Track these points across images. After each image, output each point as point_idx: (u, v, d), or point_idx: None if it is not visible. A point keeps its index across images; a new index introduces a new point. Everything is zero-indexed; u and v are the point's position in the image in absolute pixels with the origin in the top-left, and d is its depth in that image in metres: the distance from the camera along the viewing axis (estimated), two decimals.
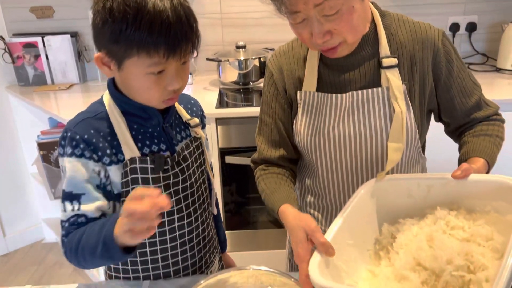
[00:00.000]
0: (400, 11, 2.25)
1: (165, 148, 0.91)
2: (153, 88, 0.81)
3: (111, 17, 0.75)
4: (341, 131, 0.95)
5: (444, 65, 0.95)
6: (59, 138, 0.87)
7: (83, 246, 0.79)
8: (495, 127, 0.99)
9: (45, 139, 2.11)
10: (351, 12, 0.83)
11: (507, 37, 2.13)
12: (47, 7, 2.28)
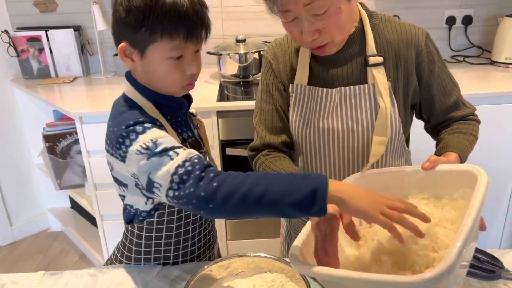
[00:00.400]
0: (397, 4, 2.31)
1: (191, 135, 0.99)
2: (174, 72, 0.87)
3: (134, 6, 0.82)
4: (329, 124, 1.01)
5: (426, 64, 1.00)
6: (125, 133, 0.83)
7: (268, 186, 0.72)
8: (470, 126, 1.06)
9: (50, 131, 2.16)
10: (338, 12, 0.89)
11: (501, 30, 2.16)
12: (50, 1, 2.31)
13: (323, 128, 1.02)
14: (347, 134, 1.01)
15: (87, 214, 2.49)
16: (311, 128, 1.03)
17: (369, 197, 0.71)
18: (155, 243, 0.99)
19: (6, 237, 2.56)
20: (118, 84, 2.24)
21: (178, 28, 0.82)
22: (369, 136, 1.01)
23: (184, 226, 0.99)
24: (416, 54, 1.00)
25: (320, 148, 1.04)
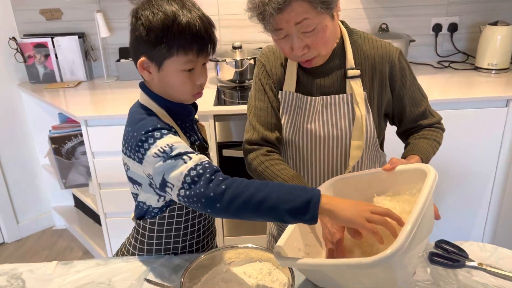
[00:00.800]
0: (386, 13, 2.43)
1: (197, 139, 1.10)
2: (186, 82, 0.99)
3: (154, 27, 0.93)
4: (313, 128, 1.13)
5: (398, 78, 1.12)
6: (144, 138, 0.93)
7: (268, 194, 0.82)
8: (434, 133, 1.18)
9: (56, 133, 2.28)
10: (325, 30, 1.01)
11: (484, 38, 2.28)
12: (56, 10, 2.43)
13: (307, 131, 1.14)
14: (328, 138, 1.13)
15: (90, 213, 2.60)
16: (298, 131, 1.15)
17: (355, 207, 0.83)
18: (166, 235, 1.10)
19: (13, 235, 2.67)
20: (120, 89, 2.35)
21: (191, 44, 0.94)
22: (347, 140, 1.12)
23: (190, 220, 1.10)
24: (390, 68, 1.12)
25: (306, 149, 1.16)
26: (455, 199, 2.18)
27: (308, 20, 0.97)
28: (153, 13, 0.93)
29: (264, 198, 0.83)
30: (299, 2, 0.95)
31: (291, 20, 0.97)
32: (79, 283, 1.04)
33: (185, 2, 0.96)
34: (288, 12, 0.96)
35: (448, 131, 1.99)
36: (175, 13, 0.93)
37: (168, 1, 0.95)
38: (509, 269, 1.03)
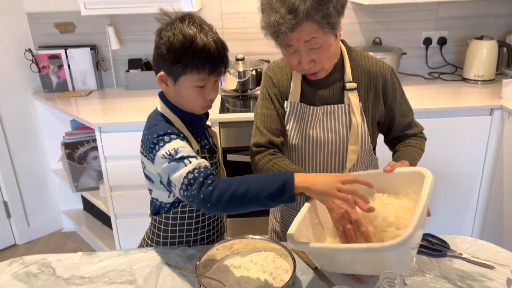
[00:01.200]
0: (379, 27, 2.59)
1: (207, 143, 1.23)
2: (198, 97, 1.12)
3: (174, 47, 1.06)
4: (315, 134, 1.26)
5: (390, 92, 1.27)
6: (156, 141, 1.07)
7: (249, 186, 0.96)
8: (419, 141, 1.33)
9: (69, 139, 2.41)
10: (329, 47, 1.14)
11: (470, 51, 2.44)
12: (69, 23, 2.57)
13: (310, 137, 1.27)
14: (328, 143, 1.27)
15: (99, 215, 2.72)
16: (301, 136, 1.28)
17: (326, 179, 0.94)
18: (179, 229, 1.23)
19: (24, 237, 2.78)
20: (129, 97, 2.49)
21: (204, 65, 1.07)
22: (344, 145, 1.26)
23: (201, 216, 1.23)
24: (383, 83, 1.26)
25: (308, 153, 1.29)
26: (446, 200, 2.31)
27: (316, 39, 1.10)
28: (173, 35, 1.07)
29: (246, 191, 0.96)
30: (309, 23, 1.08)
31: (302, 39, 1.10)
32: (103, 270, 1.17)
33: (203, 27, 1.09)
34: (299, 31, 1.09)
35: (439, 137, 2.16)
36: (193, 36, 1.06)
37: (188, 25, 1.08)
38: (485, 258, 1.16)
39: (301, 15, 1.05)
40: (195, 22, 1.09)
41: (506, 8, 2.59)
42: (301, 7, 1.05)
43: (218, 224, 1.31)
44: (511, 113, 2.06)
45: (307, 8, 1.05)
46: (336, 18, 1.10)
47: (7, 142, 2.58)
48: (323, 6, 1.06)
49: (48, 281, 1.14)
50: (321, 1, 1.05)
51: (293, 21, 1.06)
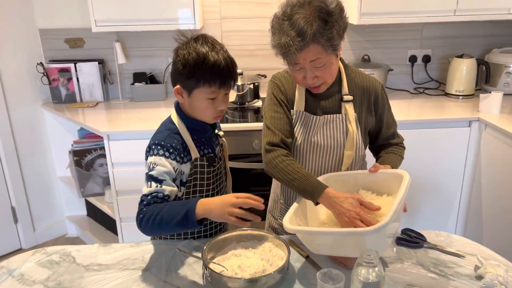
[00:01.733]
0: (368, 45, 2.79)
1: (210, 152, 1.38)
2: (209, 107, 1.27)
3: (188, 64, 1.21)
4: (316, 140, 1.42)
5: (380, 105, 1.44)
6: (149, 146, 1.27)
7: (163, 215, 1.15)
8: (399, 150, 1.50)
9: (78, 147, 2.55)
10: (331, 65, 1.31)
11: (452, 68, 2.63)
12: (79, 39, 2.75)
13: (311, 142, 1.42)
14: (327, 148, 1.42)
15: (102, 221, 2.85)
16: (304, 141, 1.43)
17: (219, 206, 1.13)
18: None
19: (30, 241, 2.89)
20: (133, 108, 2.65)
21: (215, 80, 1.22)
22: (341, 150, 1.42)
23: None
24: (374, 97, 1.43)
25: (309, 155, 1.44)
26: (431, 203, 2.48)
27: (320, 59, 1.26)
28: (188, 53, 1.22)
29: (160, 219, 1.16)
30: (315, 45, 1.23)
31: (308, 58, 1.26)
32: (118, 259, 1.31)
33: (215, 45, 1.25)
34: (306, 52, 1.24)
35: (424, 146, 2.34)
36: (205, 54, 1.21)
37: (201, 44, 1.23)
38: (457, 248, 1.32)
39: (308, 38, 1.21)
40: (207, 41, 1.24)
41: (485, 29, 2.81)
42: (309, 31, 1.20)
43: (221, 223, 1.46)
44: (487, 125, 2.24)
45: (313, 32, 1.20)
46: (338, 41, 1.26)
47: (17, 150, 2.71)
48: (328, 31, 1.21)
49: (69, 267, 1.28)
50: (326, 26, 1.21)
51: (301, 43, 1.21)
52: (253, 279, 1.11)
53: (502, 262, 1.26)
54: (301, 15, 1.21)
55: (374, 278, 0.94)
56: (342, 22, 1.26)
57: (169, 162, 1.26)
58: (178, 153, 1.28)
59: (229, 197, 1.16)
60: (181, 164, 1.30)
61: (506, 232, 2.15)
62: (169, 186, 1.23)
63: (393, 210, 1.07)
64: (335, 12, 1.23)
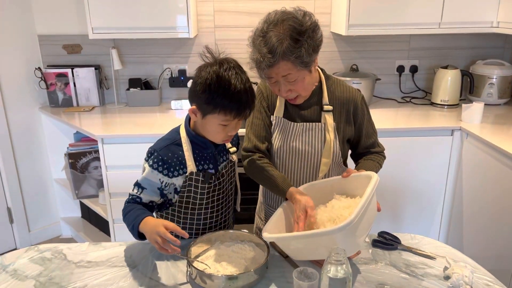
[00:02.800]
0: (357, 55, 2.88)
1: (212, 167, 1.40)
2: (220, 132, 1.30)
3: (208, 89, 1.22)
4: (294, 146, 1.49)
5: (359, 116, 1.50)
6: (149, 150, 1.35)
7: (128, 216, 1.33)
8: (378, 158, 1.55)
9: (73, 150, 2.62)
10: (304, 80, 1.37)
11: (437, 78, 2.72)
12: (77, 45, 2.82)
13: (290, 147, 1.49)
14: (304, 154, 1.49)
15: (96, 222, 2.91)
16: (283, 146, 1.50)
17: (150, 230, 1.22)
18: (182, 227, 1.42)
19: (24, 242, 2.95)
20: (128, 113, 2.72)
21: (232, 109, 1.23)
22: (318, 157, 1.49)
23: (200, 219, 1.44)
24: (354, 108, 1.49)
25: (288, 160, 1.51)
26: (415, 209, 2.55)
27: (291, 74, 1.33)
28: (210, 78, 1.21)
29: (125, 220, 1.34)
30: (285, 62, 1.28)
31: (279, 74, 1.33)
32: (107, 256, 1.38)
33: (238, 74, 1.24)
34: (276, 68, 1.31)
35: (408, 153, 2.43)
36: (227, 83, 1.20)
37: (225, 70, 1.22)
38: (429, 251, 1.39)
39: (278, 55, 1.27)
40: (231, 68, 1.24)
41: (470, 41, 2.90)
42: (279, 49, 1.27)
43: (223, 224, 1.52)
44: (468, 134, 2.32)
45: (283, 50, 1.27)
46: (308, 58, 1.31)
47: (14, 152, 2.78)
48: (297, 49, 1.27)
49: (60, 264, 1.34)
50: (296, 45, 1.27)
51: (271, 60, 1.28)
52: (233, 277, 1.18)
53: (470, 263, 1.33)
54: (275, 33, 1.28)
55: (341, 275, 1.02)
56: (314, 41, 1.31)
57: (156, 174, 1.33)
58: (168, 166, 1.33)
59: (160, 225, 1.20)
60: (171, 178, 1.35)
61: (485, 237, 2.23)
62: (148, 194, 1.36)
63: (357, 209, 1.11)
64: (307, 31, 1.29)
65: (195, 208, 1.41)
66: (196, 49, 2.82)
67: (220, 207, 1.47)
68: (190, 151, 1.36)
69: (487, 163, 2.18)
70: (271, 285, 1.23)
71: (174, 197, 1.40)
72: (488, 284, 1.23)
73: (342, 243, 1.12)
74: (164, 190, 1.38)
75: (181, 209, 1.42)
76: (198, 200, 1.40)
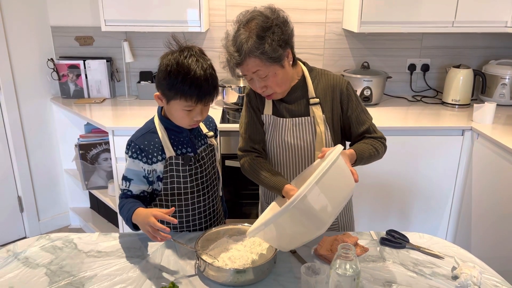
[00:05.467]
0: (368, 52, 2.87)
1: (190, 151, 1.44)
2: (185, 117, 1.34)
3: (169, 76, 1.27)
4: (285, 141, 1.50)
5: (346, 102, 1.48)
6: (127, 142, 1.39)
7: (122, 210, 1.38)
8: (373, 141, 1.47)
9: (84, 141, 2.65)
10: (276, 76, 1.38)
11: (449, 78, 2.70)
12: (89, 37, 2.84)
13: (283, 143, 1.50)
14: (297, 148, 1.50)
15: (105, 213, 2.94)
16: (275, 142, 1.51)
17: (142, 220, 1.26)
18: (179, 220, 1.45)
19: (34, 231, 3.00)
20: (139, 106, 2.74)
21: (192, 95, 1.27)
22: (311, 150, 1.49)
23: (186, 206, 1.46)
24: (340, 95, 1.48)
25: (282, 156, 1.52)
26: (424, 207, 2.55)
27: (260, 71, 1.35)
28: (171, 65, 1.26)
29: (121, 214, 1.38)
30: (252, 59, 1.32)
31: (249, 71, 1.36)
32: (117, 247, 1.40)
33: (199, 60, 1.27)
34: (245, 65, 1.35)
35: (418, 152, 2.42)
36: (187, 69, 1.24)
37: (185, 57, 1.26)
38: (438, 250, 1.39)
39: (243, 53, 1.32)
40: (192, 55, 1.27)
41: (483, 41, 2.87)
42: (245, 47, 1.31)
43: (212, 213, 1.53)
44: (479, 134, 2.31)
45: (248, 47, 1.31)
46: (276, 53, 1.32)
47: (25, 142, 2.81)
48: (262, 45, 1.30)
49: (71, 253, 1.36)
50: (261, 41, 1.30)
51: (238, 58, 1.33)
52: (242, 270, 1.19)
53: (478, 264, 1.33)
54: (243, 32, 1.33)
55: (350, 273, 1.02)
56: (280, 35, 1.33)
57: (137, 163, 1.38)
58: (147, 154, 1.37)
59: (149, 215, 1.24)
60: (152, 165, 1.39)
61: (494, 238, 2.22)
62: (136, 185, 1.41)
63: (308, 181, 1.07)
64: (271, 27, 1.32)
65: (181, 194, 1.43)
66: (207, 44, 2.82)
67: (205, 192, 1.49)
68: (166, 137, 1.39)
69: (497, 164, 2.17)
70: (279, 280, 1.24)
71: (159, 185, 1.43)
72: (496, 285, 1.23)
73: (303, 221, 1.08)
74: (149, 177, 1.41)
75: (168, 197, 1.44)
76: (182, 185, 1.42)
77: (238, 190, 2.54)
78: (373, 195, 2.51)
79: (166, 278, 1.24)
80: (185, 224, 1.49)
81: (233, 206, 2.55)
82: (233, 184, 2.49)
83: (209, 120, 1.57)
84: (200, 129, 1.50)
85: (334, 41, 2.85)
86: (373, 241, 1.44)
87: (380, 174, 2.44)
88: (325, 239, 1.38)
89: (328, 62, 2.89)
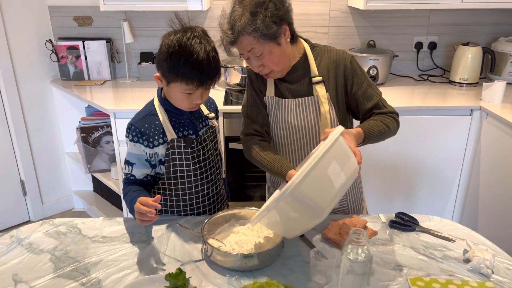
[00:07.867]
0: (374, 30, 2.80)
1: (192, 133, 1.41)
2: (184, 100, 1.30)
3: (170, 57, 1.22)
4: (289, 122, 1.45)
5: (350, 77, 1.42)
6: (127, 126, 1.36)
7: (126, 198, 1.36)
8: (382, 117, 1.39)
9: (85, 124, 2.61)
10: (271, 54, 1.33)
11: (457, 56, 2.63)
12: (87, 17, 2.77)
13: (286, 124, 1.46)
14: (301, 129, 1.45)
15: (108, 196, 2.93)
16: (278, 124, 1.47)
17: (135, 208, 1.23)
18: (176, 199, 1.43)
19: (38, 214, 2.99)
20: (140, 87, 2.69)
21: (193, 79, 1.23)
22: (316, 130, 1.44)
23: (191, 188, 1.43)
24: (344, 70, 1.42)
25: (286, 137, 1.48)
26: (431, 188, 2.52)
27: (254, 49, 1.31)
28: (173, 46, 1.20)
29: (125, 200, 1.36)
30: (246, 36, 1.28)
31: (244, 49, 1.32)
32: (121, 232, 1.37)
33: (202, 42, 1.22)
34: (239, 44, 1.31)
35: (425, 132, 2.37)
36: (189, 51, 1.19)
37: (188, 39, 1.20)
38: (448, 233, 1.37)
39: (237, 31, 1.28)
40: (196, 36, 1.22)
41: (492, 17, 2.79)
42: (238, 24, 1.27)
43: (215, 196, 1.51)
44: (488, 114, 2.26)
45: (242, 25, 1.26)
46: (269, 30, 1.27)
47: (26, 125, 2.78)
48: (254, 22, 1.26)
49: (75, 238, 1.34)
50: (254, 18, 1.26)
51: (231, 36, 1.29)
52: (249, 255, 1.17)
53: (490, 247, 1.31)
54: (237, 8, 1.28)
55: (362, 258, 0.99)
56: (277, 10, 1.28)
57: (139, 147, 1.35)
58: (147, 137, 1.34)
59: (138, 203, 1.23)
60: (153, 148, 1.36)
61: (500, 219, 2.20)
62: (138, 169, 1.39)
63: (304, 167, 1.03)
64: (264, 3, 1.27)
65: (184, 177, 1.41)
66: (208, 23, 2.75)
67: (208, 174, 1.46)
68: (167, 119, 1.37)
69: (507, 144, 2.13)
70: (287, 263, 1.22)
71: (161, 169, 1.40)
72: (510, 267, 1.21)
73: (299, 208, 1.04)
74: (152, 161, 1.39)
75: (171, 181, 1.41)
76: (185, 167, 1.39)
77: (242, 173, 2.51)
78: (379, 176, 2.48)
79: (173, 264, 1.22)
80: (188, 208, 1.46)
81: (237, 188, 2.53)
82: (237, 167, 2.46)
83: (209, 101, 1.53)
84: (201, 111, 1.47)
85: (339, 18, 2.77)
86: (382, 224, 1.41)
87: (386, 154, 2.41)
88: (334, 223, 1.35)
89: (333, 41, 2.82)
